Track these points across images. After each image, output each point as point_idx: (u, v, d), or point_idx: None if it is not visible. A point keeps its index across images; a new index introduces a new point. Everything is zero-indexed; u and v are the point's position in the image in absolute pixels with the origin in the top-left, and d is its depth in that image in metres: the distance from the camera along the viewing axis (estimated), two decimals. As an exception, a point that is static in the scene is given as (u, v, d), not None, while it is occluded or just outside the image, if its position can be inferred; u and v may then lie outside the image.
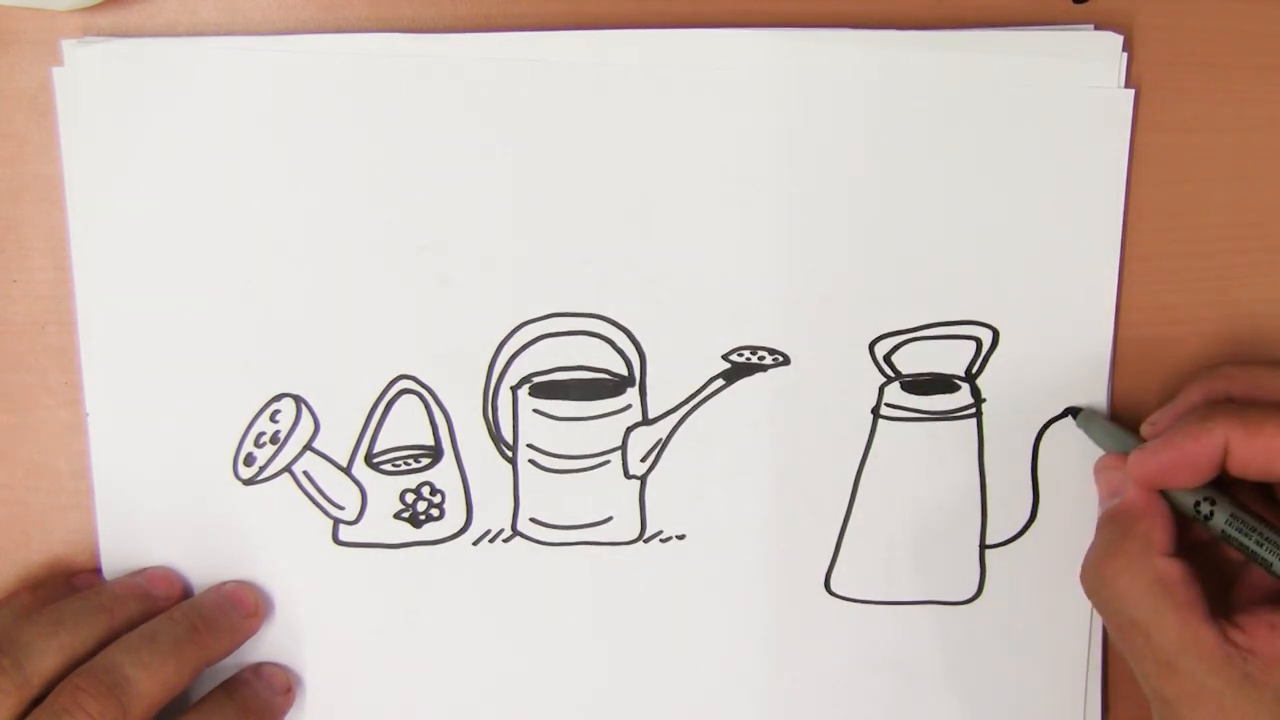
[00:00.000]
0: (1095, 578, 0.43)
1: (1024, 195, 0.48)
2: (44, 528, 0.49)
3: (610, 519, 0.49)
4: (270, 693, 0.48)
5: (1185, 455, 0.42)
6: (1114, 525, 0.44)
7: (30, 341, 0.48)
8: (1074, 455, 0.49)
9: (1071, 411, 0.48)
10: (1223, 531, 0.43)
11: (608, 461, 0.49)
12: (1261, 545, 0.42)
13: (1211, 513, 0.43)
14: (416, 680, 0.50)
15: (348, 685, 0.49)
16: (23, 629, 0.44)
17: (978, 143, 0.47)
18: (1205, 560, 0.45)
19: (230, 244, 0.47)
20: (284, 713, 0.48)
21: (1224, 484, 0.43)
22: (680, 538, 0.49)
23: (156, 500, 0.48)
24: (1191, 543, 0.45)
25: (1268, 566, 0.42)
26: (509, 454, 0.49)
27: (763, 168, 0.47)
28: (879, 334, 0.48)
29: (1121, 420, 0.48)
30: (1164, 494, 0.44)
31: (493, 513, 0.49)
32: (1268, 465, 0.41)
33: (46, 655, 0.43)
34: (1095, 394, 0.49)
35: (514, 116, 0.47)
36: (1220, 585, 0.45)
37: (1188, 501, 0.44)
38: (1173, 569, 0.42)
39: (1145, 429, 0.46)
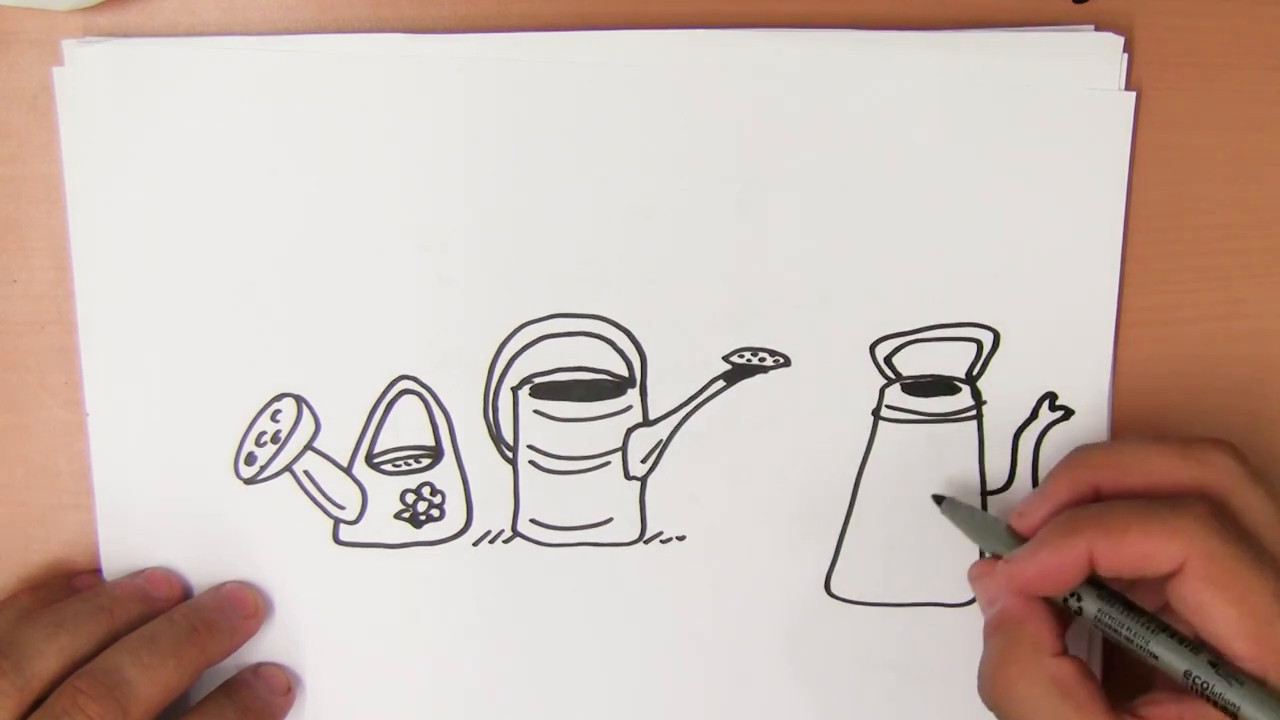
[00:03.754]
0: (992, 689, 0.43)
1: (1024, 197, 0.48)
2: (44, 528, 0.49)
3: (610, 520, 0.49)
4: (270, 693, 0.48)
5: (1051, 567, 0.42)
6: (1000, 633, 0.44)
7: (30, 341, 0.48)
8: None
9: (936, 500, 0.48)
10: (1094, 623, 0.43)
11: (608, 462, 0.49)
12: (1130, 641, 0.42)
13: (1080, 608, 0.43)
14: (416, 680, 0.50)
15: (348, 685, 0.49)
16: (23, 631, 0.44)
17: (978, 144, 0.47)
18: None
19: (230, 244, 0.47)
20: (284, 713, 0.48)
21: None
22: (680, 539, 0.49)
23: (156, 500, 0.48)
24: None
25: (1144, 656, 0.42)
26: (509, 455, 0.49)
27: (763, 168, 0.47)
28: (880, 336, 0.48)
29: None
30: None
31: (493, 513, 0.49)
32: (1137, 567, 0.41)
33: (47, 657, 0.43)
34: (1096, 394, 0.49)
35: (514, 116, 0.47)
36: (1131, 665, 0.44)
37: (1058, 597, 0.43)
38: (1066, 668, 0.42)
39: (1014, 519, 0.45)
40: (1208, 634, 0.40)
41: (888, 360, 0.49)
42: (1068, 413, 0.49)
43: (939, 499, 0.48)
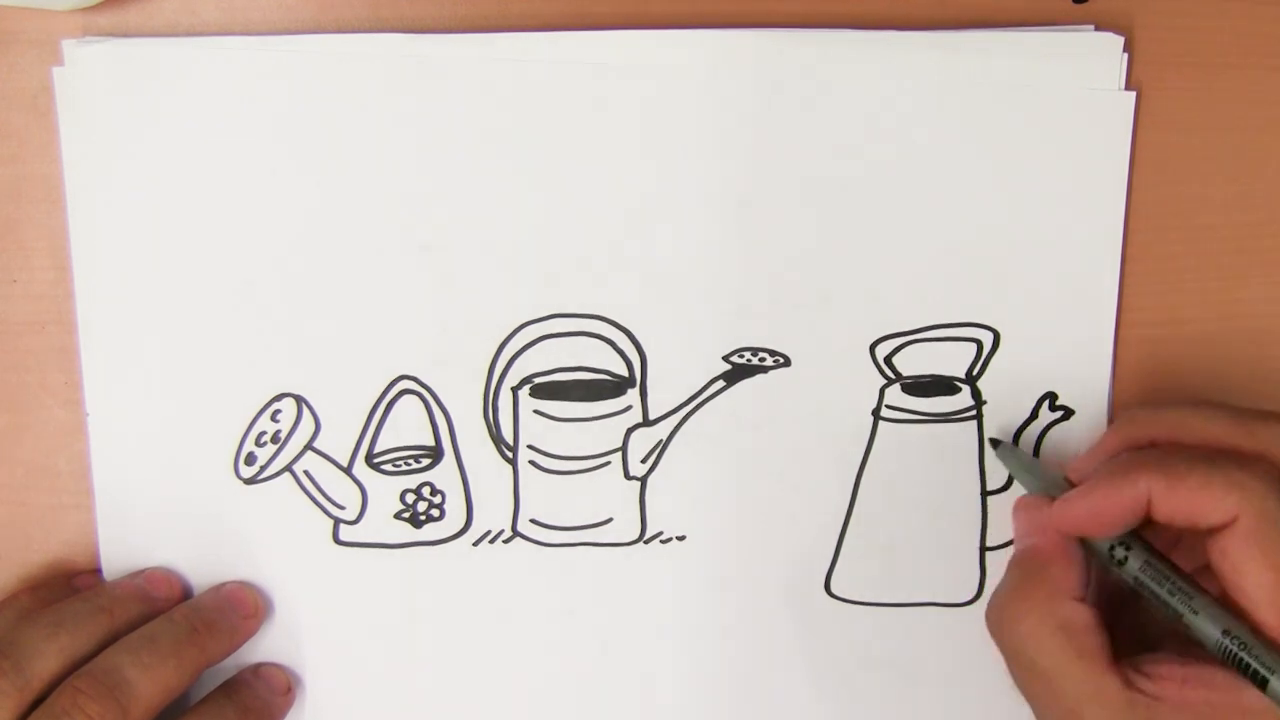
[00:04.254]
0: (999, 620, 0.43)
1: (1024, 196, 0.48)
2: (44, 528, 0.49)
3: (610, 520, 0.49)
4: (270, 693, 0.48)
5: (1108, 506, 0.41)
6: (1024, 567, 0.43)
7: (30, 341, 0.48)
8: (1075, 457, 0.49)
9: (992, 443, 0.48)
10: (1135, 578, 0.42)
11: (608, 462, 0.49)
12: (1173, 595, 0.41)
13: (1126, 558, 0.42)
14: (416, 680, 0.50)
15: (348, 685, 0.49)
16: (23, 631, 0.44)
17: (978, 144, 0.47)
18: (1131, 612, 0.44)
19: (230, 244, 0.47)
20: (284, 713, 0.48)
21: (1141, 531, 0.43)
22: (681, 539, 0.49)
23: (156, 500, 0.48)
24: (1117, 591, 0.44)
25: (1177, 616, 0.41)
26: (509, 455, 0.49)
27: (763, 168, 0.47)
28: (880, 336, 0.48)
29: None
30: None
31: (493, 513, 0.49)
32: (1190, 516, 0.40)
33: (47, 657, 0.43)
34: (1096, 394, 0.49)
35: (514, 117, 0.47)
36: (1145, 637, 0.44)
37: (1103, 545, 0.43)
38: (1079, 614, 0.41)
39: (1070, 472, 0.45)
40: (1239, 595, 0.40)
41: (888, 360, 0.49)
42: (1068, 413, 0.49)
43: (995, 442, 0.48)
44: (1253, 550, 0.39)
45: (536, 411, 0.49)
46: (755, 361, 0.48)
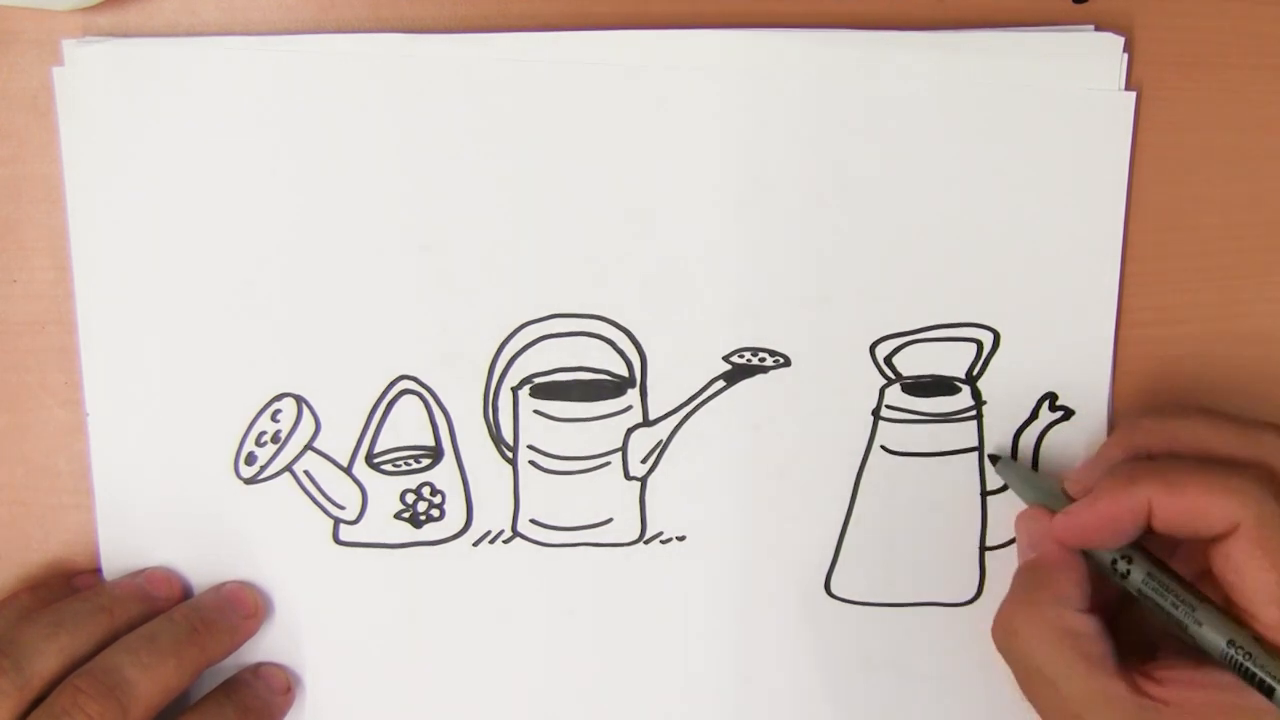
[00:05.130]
0: (1006, 629, 0.43)
1: (1025, 197, 0.48)
2: (44, 528, 0.49)
3: (610, 520, 0.49)
4: (270, 693, 0.48)
5: (1109, 516, 0.42)
6: (1028, 579, 0.44)
7: (30, 341, 0.48)
8: (1074, 457, 0.49)
9: (991, 459, 0.49)
10: (1139, 590, 0.43)
11: (608, 463, 0.49)
12: (1176, 606, 0.42)
13: (1129, 571, 0.43)
14: (416, 680, 0.50)
15: (348, 685, 0.49)
16: (23, 630, 0.44)
17: (978, 144, 0.47)
18: (1131, 614, 0.45)
19: (230, 244, 0.47)
20: (283, 713, 0.49)
21: (1140, 540, 0.43)
22: (681, 539, 0.49)
23: (156, 500, 0.48)
24: (1117, 595, 0.45)
25: (1181, 628, 0.41)
26: (509, 455, 0.49)
27: (763, 168, 0.47)
28: (880, 336, 0.48)
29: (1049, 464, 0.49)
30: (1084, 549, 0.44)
31: (493, 513, 0.49)
32: (1191, 524, 0.41)
33: (47, 656, 0.43)
34: (1096, 394, 0.49)
35: (514, 116, 0.47)
36: (1146, 639, 0.44)
37: (1106, 558, 0.43)
38: (1084, 624, 0.42)
39: (1068, 484, 0.45)
40: (1241, 597, 0.40)
41: (888, 360, 0.49)
42: (1068, 413, 0.49)
43: (994, 458, 0.48)
44: (1254, 552, 0.40)
45: (536, 411, 0.49)
46: (755, 361, 0.48)
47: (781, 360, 0.48)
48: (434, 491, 0.49)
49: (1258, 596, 0.40)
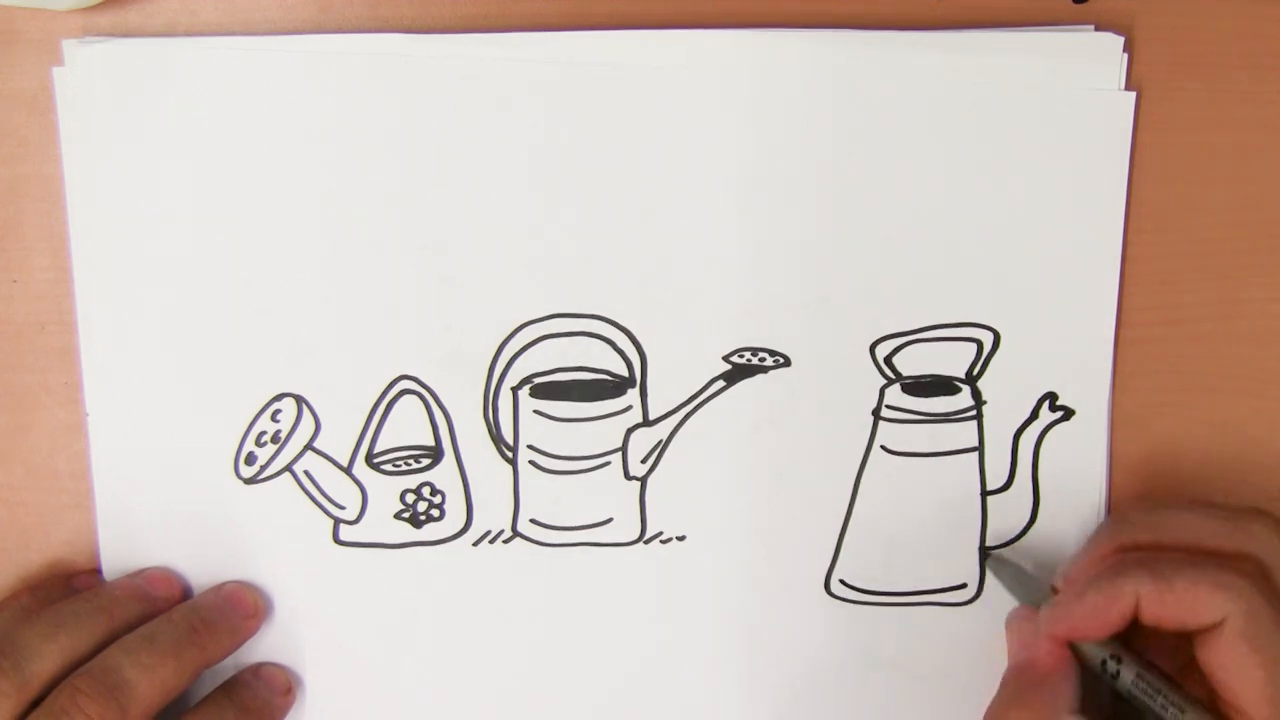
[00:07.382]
0: None
1: (1024, 197, 0.48)
2: (44, 528, 0.49)
3: (610, 520, 0.49)
4: (270, 693, 0.48)
5: (1097, 611, 0.42)
6: (1019, 682, 0.44)
7: (30, 341, 0.48)
8: (1074, 457, 0.49)
9: (982, 556, 0.49)
10: (1129, 691, 0.43)
11: (608, 463, 0.49)
12: (1166, 709, 0.42)
13: (1119, 671, 0.43)
14: (416, 680, 0.50)
15: (348, 685, 0.49)
16: (22, 630, 0.44)
17: (978, 144, 0.47)
18: (1122, 715, 0.45)
19: (230, 244, 0.47)
20: (284, 713, 0.48)
21: (1129, 637, 0.44)
22: (680, 539, 0.49)
23: (156, 500, 0.48)
24: (1108, 696, 0.45)
25: None
26: (509, 455, 0.49)
27: (763, 168, 0.47)
28: (880, 336, 0.48)
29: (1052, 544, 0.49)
30: (1073, 648, 0.44)
31: (493, 513, 0.49)
32: (1179, 618, 0.41)
33: (46, 657, 0.43)
34: (1096, 394, 0.49)
35: (514, 117, 0.47)
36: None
37: (1096, 659, 0.44)
38: None
39: (1058, 581, 0.46)
40: (1229, 694, 0.41)
41: (888, 360, 0.49)
42: (1068, 413, 0.49)
43: (985, 555, 0.49)
44: (1242, 648, 0.40)
45: (536, 411, 0.49)
46: (755, 361, 0.48)
47: (781, 360, 0.48)
48: (434, 491, 0.49)
49: (1246, 693, 0.40)
